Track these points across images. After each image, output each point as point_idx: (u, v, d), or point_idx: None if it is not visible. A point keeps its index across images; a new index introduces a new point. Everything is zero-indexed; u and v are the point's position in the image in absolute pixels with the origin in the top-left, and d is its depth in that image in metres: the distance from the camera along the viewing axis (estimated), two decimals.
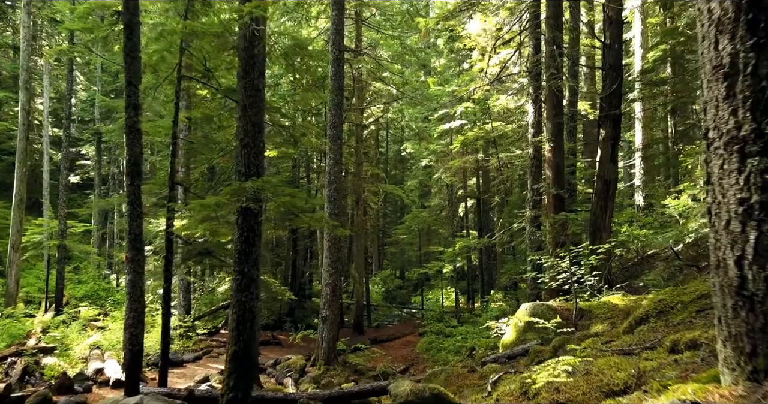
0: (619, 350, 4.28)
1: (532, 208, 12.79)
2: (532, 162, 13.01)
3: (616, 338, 5.19)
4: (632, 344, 4.44)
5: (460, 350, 16.03)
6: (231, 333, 6.69)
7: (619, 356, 3.93)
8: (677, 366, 3.01)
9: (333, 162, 14.33)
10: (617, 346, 4.54)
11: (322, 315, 14.18)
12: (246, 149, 6.91)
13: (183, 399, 7.66)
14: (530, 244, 12.66)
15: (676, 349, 3.42)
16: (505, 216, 22.89)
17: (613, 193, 12.28)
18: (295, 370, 13.45)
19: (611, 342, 4.88)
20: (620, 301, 8.22)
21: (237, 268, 6.80)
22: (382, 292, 33.56)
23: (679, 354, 3.32)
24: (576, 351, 4.82)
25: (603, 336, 6.29)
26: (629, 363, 3.40)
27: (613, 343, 4.79)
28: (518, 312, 8.82)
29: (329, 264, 14.20)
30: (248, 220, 6.78)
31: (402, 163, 44.83)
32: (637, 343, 4.44)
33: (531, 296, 12.42)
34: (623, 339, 4.98)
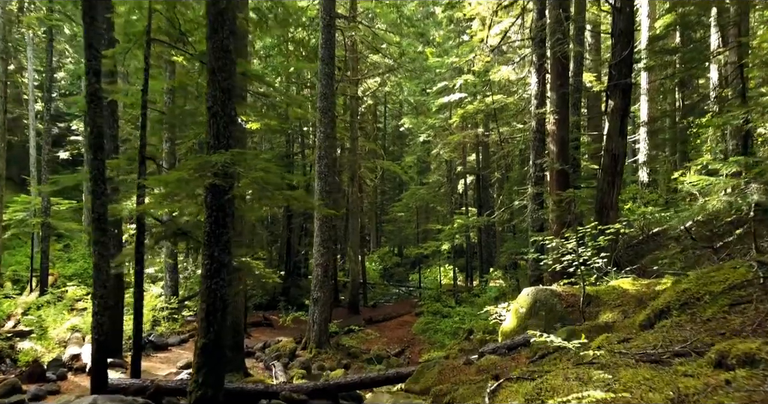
0: (642, 354, 3.58)
1: (534, 185, 12.03)
2: (534, 135, 12.21)
3: (634, 335, 4.49)
4: (657, 346, 3.74)
5: (457, 332, 15.48)
6: (200, 323, 6.01)
7: (645, 364, 3.22)
8: (732, 390, 2.32)
9: (324, 135, 13.52)
10: (638, 348, 3.84)
11: (314, 296, 13.56)
12: (214, 118, 6.12)
13: (149, 396, 7.02)
14: (532, 223, 11.95)
15: (725, 363, 2.72)
16: (506, 194, 22.15)
17: (622, 168, 11.50)
18: (284, 354, 12.88)
19: (630, 342, 4.18)
20: (631, 286, 7.53)
21: (206, 252, 6.09)
22: (379, 270, 33.02)
23: (729, 370, 2.62)
24: (588, 354, 4.14)
25: (617, 330, 5.60)
26: (662, 380, 2.70)
27: (632, 342, 4.09)
28: (519, 297, 8.15)
29: (320, 244, 13.51)
30: (218, 199, 6.03)
31: (400, 138, 43.93)
32: (664, 344, 3.73)
33: (532, 277, 11.76)
34: (643, 336, 4.28)
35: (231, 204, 6.20)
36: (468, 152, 26.15)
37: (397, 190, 40.08)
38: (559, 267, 8.38)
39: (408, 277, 32.80)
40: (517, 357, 6.56)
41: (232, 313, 10.44)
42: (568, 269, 8.28)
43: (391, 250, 39.00)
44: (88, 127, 7.50)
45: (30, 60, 26.11)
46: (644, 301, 6.75)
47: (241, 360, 10.67)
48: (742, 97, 12.88)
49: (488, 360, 6.59)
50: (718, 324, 3.96)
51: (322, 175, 13.50)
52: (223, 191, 6.03)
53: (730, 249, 8.41)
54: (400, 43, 22.45)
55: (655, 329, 4.53)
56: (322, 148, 13.55)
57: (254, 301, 22.88)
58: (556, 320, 7.40)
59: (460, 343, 14.90)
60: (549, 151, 12.04)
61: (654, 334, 4.24)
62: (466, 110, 19.40)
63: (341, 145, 23.30)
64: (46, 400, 8.97)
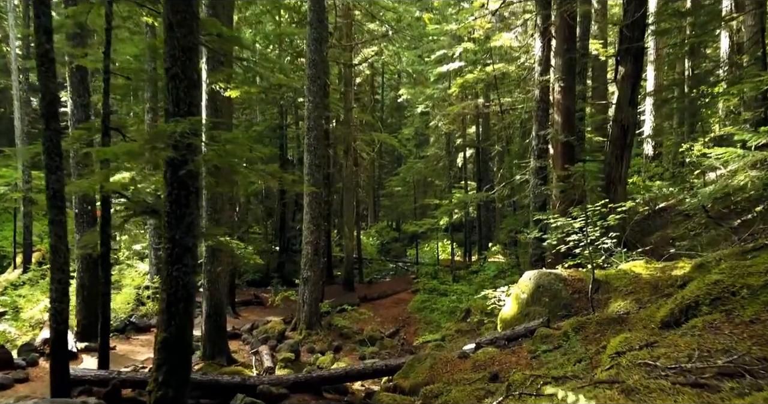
0: (677, 369, 2.88)
1: (536, 158, 11.25)
2: (538, 105, 11.37)
3: (658, 336, 3.78)
4: (693, 356, 3.03)
5: (454, 311, 14.90)
6: (161, 316, 5.32)
7: (686, 389, 2.52)
8: None
9: (313, 105, 12.67)
10: (669, 358, 3.14)
11: (304, 275, 12.90)
12: (174, 81, 5.31)
13: (109, 393, 6.38)
14: (533, 199, 11.21)
15: None
16: (506, 167, 21.34)
17: (632, 140, 10.73)
18: (273, 336, 12.28)
19: (655, 348, 3.48)
20: (644, 270, 6.84)
21: (167, 235, 5.35)
22: (377, 245, 32.43)
23: None
24: (606, 364, 3.44)
25: (632, 324, 4.91)
26: None
27: (659, 349, 3.38)
28: (520, 281, 7.46)
29: (310, 221, 12.79)
30: (178, 174, 5.27)
31: (399, 110, 42.86)
32: (701, 355, 3.03)
33: (533, 257, 11.08)
34: (670, 339, 3.58)
35: (194, 181, 5.43)
36: (468, 124, 25.24)
37: (396, 164, 39.21)
38: (564, 248, 7.67)
39: (405, 253, 32.21)
40: (518, 351, 5.90)
41: (214, 294, 9.82)
42: (574, 250, 7.59)
43: (389, 225, 38.33)
44: (40, 94, 6.69)
45: (12, 28, 24.99)
46: (660, 288, 6.06)
47: (223, 343, 10.06)
48: (763, 63, 11.99)
49: (486, 354, 5.93)
50: (765, 328, 3.25)
51: (312, 147, 12.69)
52: (185, 166, 5.27)
53: (752, 228, 7.70)
54: (397, 8, 21.32)
55: (683, 330, 3.82)
56: (312, 119, 12.71)
57: (247, 278, 22.34)
58: (560, 308, 6.73)
59: (457, 324, 14.36)
60: (553, 121, 11.22)
61: (684, 338, 3.54)
62: (465, 79, 18.46)
63: (336, 116, 22.40)
64: (13, 389, 8.40)
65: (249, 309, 15.97)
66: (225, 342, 10.11)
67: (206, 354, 9.85)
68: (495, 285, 14.86)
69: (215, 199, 9.74)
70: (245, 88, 8.89)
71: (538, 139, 11.28)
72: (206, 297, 9.86)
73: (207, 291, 9.85)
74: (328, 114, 19.37)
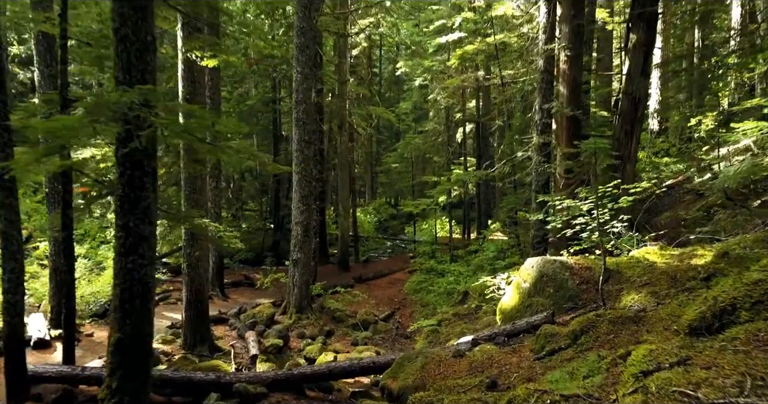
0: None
1: (540, 134, 10.50)
2: (542, 76, 10.57)
3: (690, 351, 3.13)
4: (745, 386, 2.39)
5: (451, 293, 14.35)
6: (114, 314, 4.69)
7: None
8: None
9: (302, 77, 11.86)
10: (713, 388, 2.50)
11: (293, 257, 12.29)
12: (123, 44, 4.56)
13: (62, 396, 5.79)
14: (536, 177, 10.50)
15: None
16: (507, 143, 20.58)
17: (642, 114, 10.00)
18: (261, 320, 11.72)
19: (691, 368, 2.84)
20: (659, 258, 6.19)
21: (119, 222, 4.68)
22: (374, 223, 31.81)
23: None
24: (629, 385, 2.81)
25: (652, 325, 4.27)
26: None
27: (697, 371, 2.74)
28: (522, 269, 6.82)
29: (300, 200, 12.12)
30: (133, 153, 4.57)
31: (397, 84, 41.87)
32: (755, 386, 2.39)
33: (535, 239, 10.44)
34: (708, 356, 2.94)
35: (150, 160, 4.73)
36: (467, 98, 24.37)
37: (394, 139, 38.38)
38: (571, 232, 7.01)
39: (404, 230, 31.64)
40: (519, 350, 5.28)
41: (195, 280, 9.21)
42: (580, 234, 6.93)
43: (387, 201, 37.65)
44: None
45: None
46: (679, 280, 5.42)
47: (206, 331, 9.49)
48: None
49: (483, 353, 5.32)
50: None
51: (301, 122, 11.93)
52: (140, 143, 4.56)
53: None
54: None
55: (721, 341, 3.17)
56: (300, 92, 11.92)
57: (240, 257, 21.78)
58: (566, 299, 6.10)
59: (454, 307, 13.82)
60: (558, 93, 10.45)
61: (725, 355, 2.89)
62: (465, 51, 17.57)
63: (331, 89, 21.53)
64: None
65: (239, 291, 15.41)
66: (207, 329, 9.54)
67: (187, 343, 9.30)
68: (494, 266, 14.30)
69: (194, 178, 9.05)
70: (223, 56, 8.10)
71: (541, 112, 10.51)
72: (186, 282, 9.25)
73: (187, 276, 9.23)
74: (321, 87, 18.53)
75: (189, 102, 8.99)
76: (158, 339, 9.56)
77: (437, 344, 10.63)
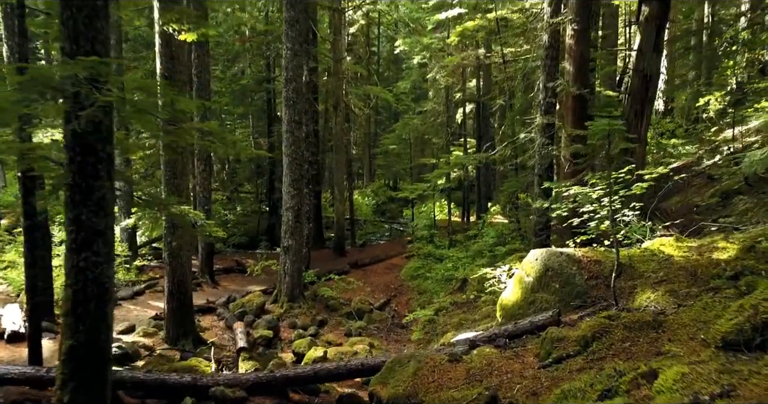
0: None
1: (544, 114, 9.88)
2: (546, 52, 9.91)
3: (733, 377, 2.60)
4: None
5: (450, 280, 13.86)
6: (66, 318, 4.16)
7: None
8: None
9: (291, 53, 11.19)
10: None
11: (284, 244, 11.77)
12: (70, 10, 3.95)
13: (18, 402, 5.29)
14: (539, 161, 9.90)
15: None
16: (508, 124, 19.92)
17: (654, 93, 9.37)
18: (251, 310, 11.24)
19: (734, 398, 2.30)
20: (675, 250, 5.64)
21: (70, 215, 4.12)
22: (372, 205, 31.24)
23: None
24: None
25: (673, 333, 3.74)
26: None
27: None
28: (525, 261, 6.28)
29: (290, 184, 11.55)
30: (85, 136, 3.99)
31: (396, 63, 40.99)
32: None
33: (537, 225, 9.89)
34: (755, 383, 2.41)
35: (106, 145, 4.15)
36: (468, 77, 23.62)
37: (393, 120, 37.57)
38: (578, 221, 6.45)
39: (402, 213, 31.08)
40: (522, 354, 4.76)
41: (177, 269, 8.70)
42: (589, 223, 6.36)
43: (386, 183, 36.99)
44: None
45: None
46: (700, 277, 4.88)
47: (189, 323, 9.01)
48: None
49: (482, 357, 4.80)
50: None
51: (291, 101, 11.29)
52: (94, 125, 3.98)
53: None
54: None
55: None
56: (290, 69, 11.26)
57: (234, 241, 21.26)
58: (573, 296, 5.57)
59: (452, 295, 13.33)
60: (564, 71, 9.80)
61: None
62: (465, 27, 16.78)
63: (327, 68, 20.79)
64: None
65: (230, 277, 14.92)
66: (191, 321, 9.05)
67: (169, 336, 8.82)
68: (494, 253, 13.77)
69: (174, 161, 8.46)
70: (202, 30, 7.45)
71: (545, 91, 9.88)
72: (168, 272, 8.73)
73: (169, 266, 8.71)
74: (315, 65, 17.82)
75: (167, 79, 8.39)
76: (139, 332, 9.09)
77: (434, 335, 10.16)
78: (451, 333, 8.99)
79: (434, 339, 9.92)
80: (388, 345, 10.39)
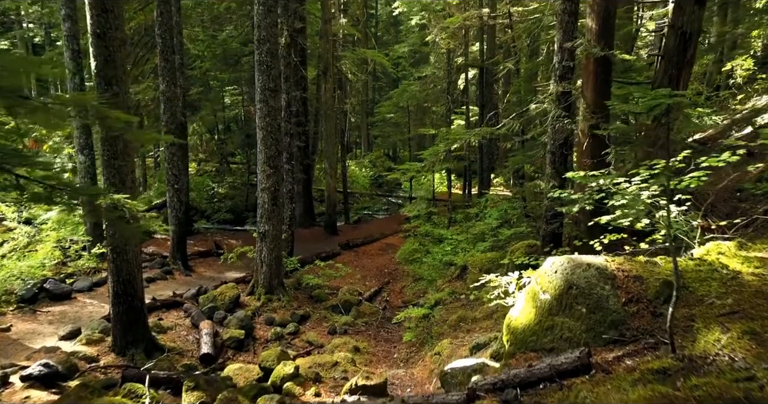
0: None
1: (559, 80, 8.31)
2: (564, 5, 8.26)
3: None
4: None
5: (448, 265, 12.55)
6: None
7: None
8: None
9: (264, 9, 9.58)
10: None
11: (260, 230, 10.41)
12: None
13: None
14: (553, 136, 8.39)
15: None
16: (513, 92, 18.28)
17: (693, 55, 7.78)
18: (222, 304, 9.95)
19: None
20: (741, 264, 4.24)
21: None
22: (369, 177, 29.76)
23: None
24: None
25: None
26: None
27: None
28: (541, 272, 4.87)
29: (265, 162, 10.11)
30: None
31: (395, 26, 38.90)
32: None
33: (549, 210, 8.45)
34: None
35: None
36: (471, 41, 21.80)
37: (394, 86, 35.73)
38: (607, 218, 5.01)
39: (401, 185, 29.64)
40: None
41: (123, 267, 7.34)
42: (623, 222, 4.94)
43: (386, 153, 35.38)
44: None
45: None
46: None
47: (141, 328, 7.69)
48: None
49: None
50: None
51: (264, 65, 9.73)
52: None
53: None
54: None
55: None
56: (263, 28, 9.66)
57: (219, 217, 19.88)
58: (606, 326, 4.19)
59: (450, 283, 12.03)
60: (586, 29, 8.20)
61: None
62: None
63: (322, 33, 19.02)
64: None
65: (207, 262, 13.59)
66: (143, 326, 7.73)
67: (117, 345, 7.53)
68: (497, 237, 12.41)
69: (113, 139, 7.00)
70: None
71: (562, 53, 8.28)
72: (112, 270, 7.37)
73: (113, 263, 7.34)
74: (301, 25, 16.09)
75: (101, 39, 6.86)
76: (83, 339, 7.79)
77: (428, 338, 8.86)
78: (447, 341, 7.70)
79: (428, 342, 8.66)
80: (376, 346, 9.14)
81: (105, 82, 6.98)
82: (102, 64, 6.94)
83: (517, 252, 9.80)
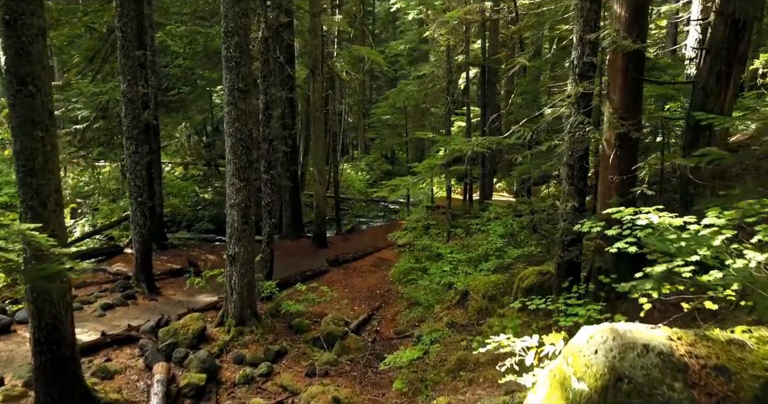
0: None
1: (579, 80, 6.90)
2: None
3: None
4: None
5: (447, 289, 11.15)
6: None
7: None
8: None
9: None
10: None
11: (230, 252, 9.02)
12: None
13: None
14: (571, 145, 6.99)
15: None
16: (517, 93, 16.90)
17: (746, 47, 6.39)
18: (185, 340, 8.55)
19: None
20: None
21: None
22: (366, 181, 28.36)
23: None
24: None
25: None
26: None
27: None
28: (572, 348, 3.47)
29: (234, 174, 8.72)
30: None
31: (393, 23, 37.58)
32: None
33: (565, 234, 7.06)
34: None
35: None
36: (472, 37, 20.39)
37: (392, 86, 34.30)
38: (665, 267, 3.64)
39: None
40: None
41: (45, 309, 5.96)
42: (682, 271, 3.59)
43: (384, 155, 33.94)
44: None
45: None
46: None
47: (71, 379, 6.31)
48: None
49: None
50: None
51: (232, 62, 8.34)
52: None
53: None
54: None
55: None
56: (231, 18, 8.28)
57: (201, 227, 18.49)
58: None
59: (450, 310, 10.66)
60: (613, 17, 6.80)
61: None
62: None
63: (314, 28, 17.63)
64: None
65: (178, 282, 12.16)
66: (74, 378, 6.35)
67: (40, 402, 6.15)
68: (503, 258, 11.02)
69: (31, 151, 5.64)
70: None
71: (582, 47, 6.88)
72: (32, 313, 5.99)
73: (32, 305, 5.96)
74: (287, 19, 14.69)
75: (10, 27, 5.52)
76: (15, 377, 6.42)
77: (422, 386, 7.48)
78: (444, 401, 6.29)
79: (422, 392, 7.27)
80: (361, 394, 7.75)
81: (17, 81, 5.62)
82: (13, 59, 5.59)
83: (526, 281, 8.43)
